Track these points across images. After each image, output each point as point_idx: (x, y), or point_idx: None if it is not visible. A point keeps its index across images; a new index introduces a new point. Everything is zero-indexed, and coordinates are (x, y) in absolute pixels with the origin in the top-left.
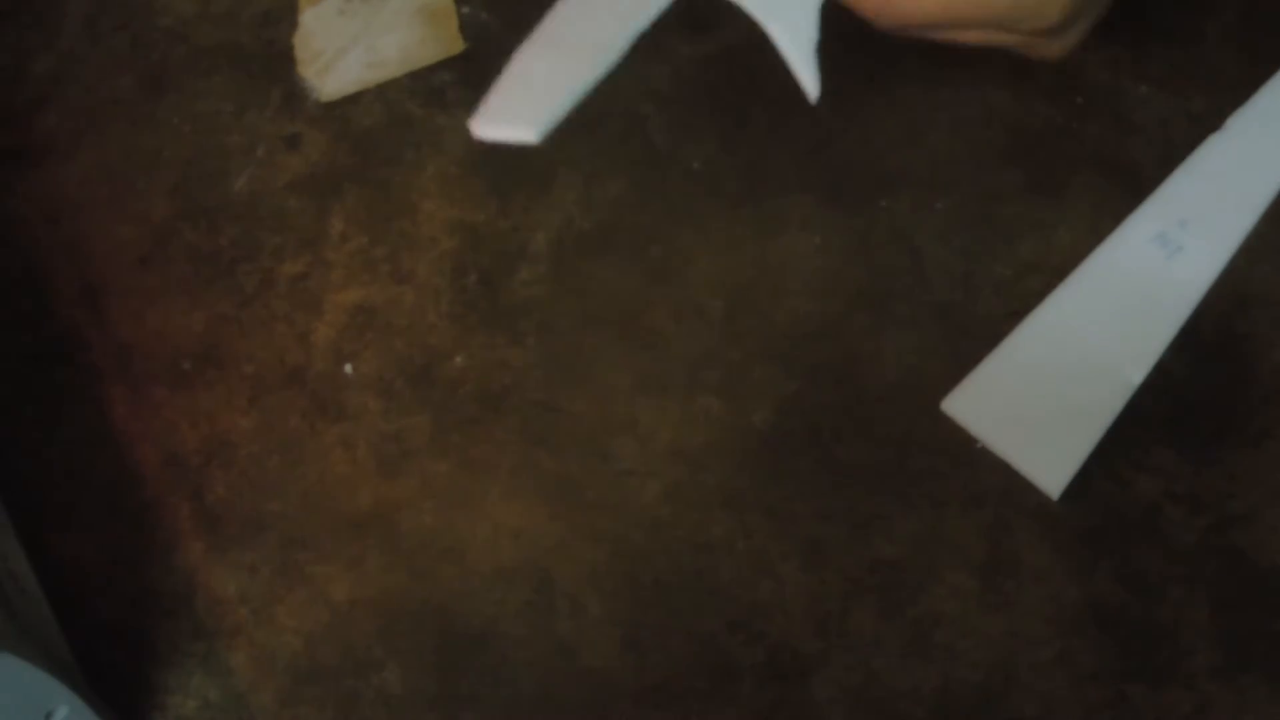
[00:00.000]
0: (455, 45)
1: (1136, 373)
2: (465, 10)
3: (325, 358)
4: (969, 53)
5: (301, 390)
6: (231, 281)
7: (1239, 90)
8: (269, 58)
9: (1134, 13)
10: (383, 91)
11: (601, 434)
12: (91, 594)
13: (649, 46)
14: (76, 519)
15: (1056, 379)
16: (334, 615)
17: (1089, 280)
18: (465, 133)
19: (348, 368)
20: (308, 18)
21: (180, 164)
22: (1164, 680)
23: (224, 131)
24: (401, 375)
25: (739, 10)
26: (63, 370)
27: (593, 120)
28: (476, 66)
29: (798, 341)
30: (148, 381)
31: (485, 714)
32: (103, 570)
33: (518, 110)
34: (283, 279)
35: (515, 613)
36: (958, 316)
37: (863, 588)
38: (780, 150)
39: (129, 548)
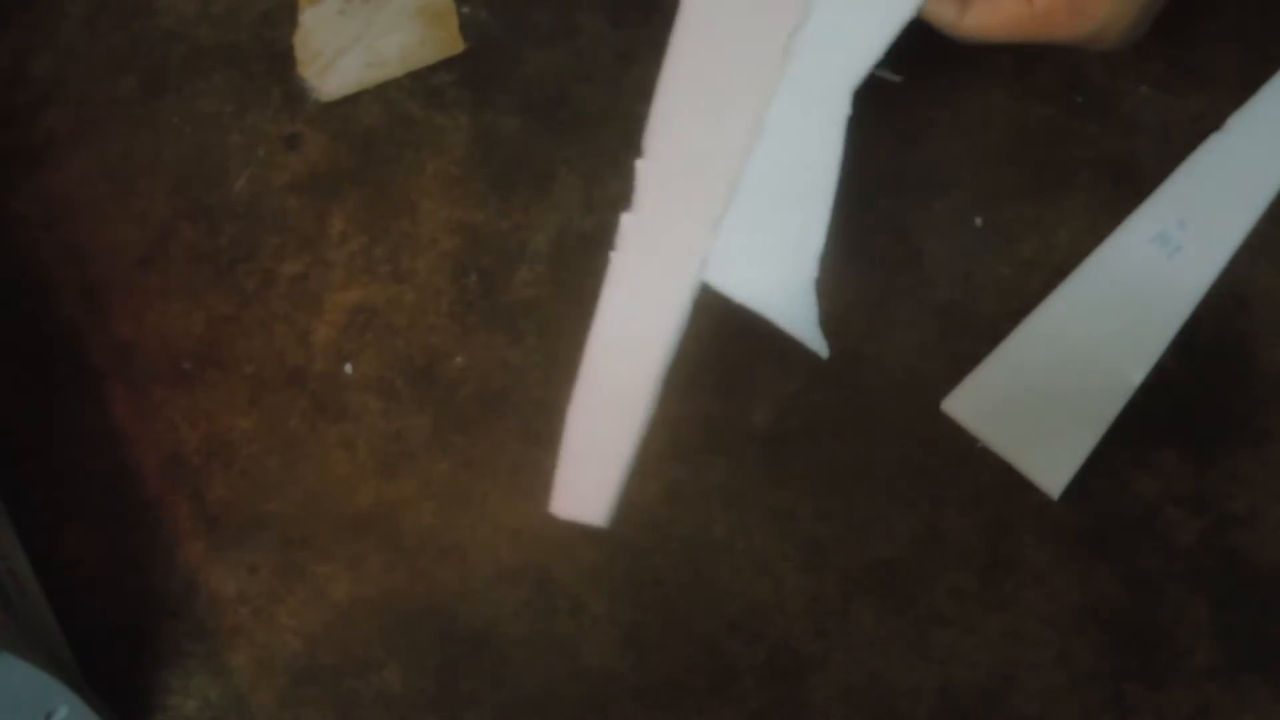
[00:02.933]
0: (455, 45)
1: (1136, 373)
2: (465, 10)
3: (325, 358)
4: (970, 53)
5: (301, 390)
6: (231, 281)
7: (1239, 90)
8: (269, 58)
9: None
10: (383, 91)
11: None
12: (91, 594)
13: (650, 48)
14: (76, 519)
15: (1056, 379)
16: (334, 615)
17: (1089, 280)
18: (465, 133)
19: (348, 368)
20: (308, 18)
21: (180, 164)
22: (1164, 680)
23: (224, 131)
24: (401, 375)
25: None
26: (63, 370)
27: (593, 120)
28: (476, 66)
29: (798, 341)
30: (148, 381)
31: (485, 714)
32: (103, 570)
33: (586, 496)
34: (283, 279)
35: (515, 613)
36: (958, 316)
37: (863, 588)
38: None
39: (129, 548)
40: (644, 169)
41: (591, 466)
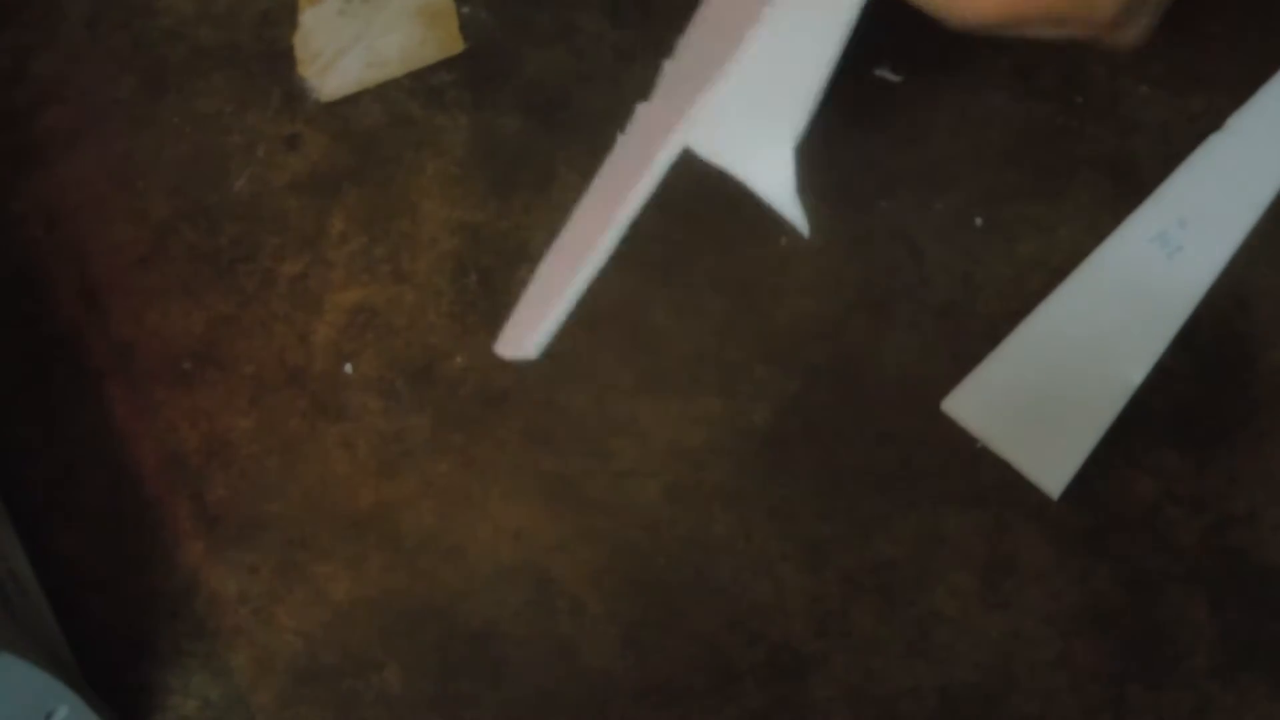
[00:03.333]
0: (455, 45)
1: (1136, 373)
2: (465, 10)
3: (325, 358)
4: (970, 52)
5: (301, 390)
6: (231, 281)
7: (1239, 90)
8: (269, 58)
9: None
10: (383, 91)
11: (601, 434)
12: (91, 594)
13: (649, 48)
14: (76, 519)
15: (1056, 379)
16: (334, 615)
17: (1089, 280)
18: (465, 133)
19: (348, 368)
20: (308, 18)
21: (180, 164)
22: (1164, 680)
23: (224, 131)
24: (401, 375)
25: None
26: (63, 370)
27: (593, 120)
28: (476, 66)
29: (798, 341)
30: (148, 381)
31: (485, 714)
32: (103, 570)
33: (523, 334)
34: (283, 279)
35: (515, 613)
36: (958, 316)
37: (863, 588)
38: None
39: (129, 548)
40: (666, 67)
41: (535, 308)
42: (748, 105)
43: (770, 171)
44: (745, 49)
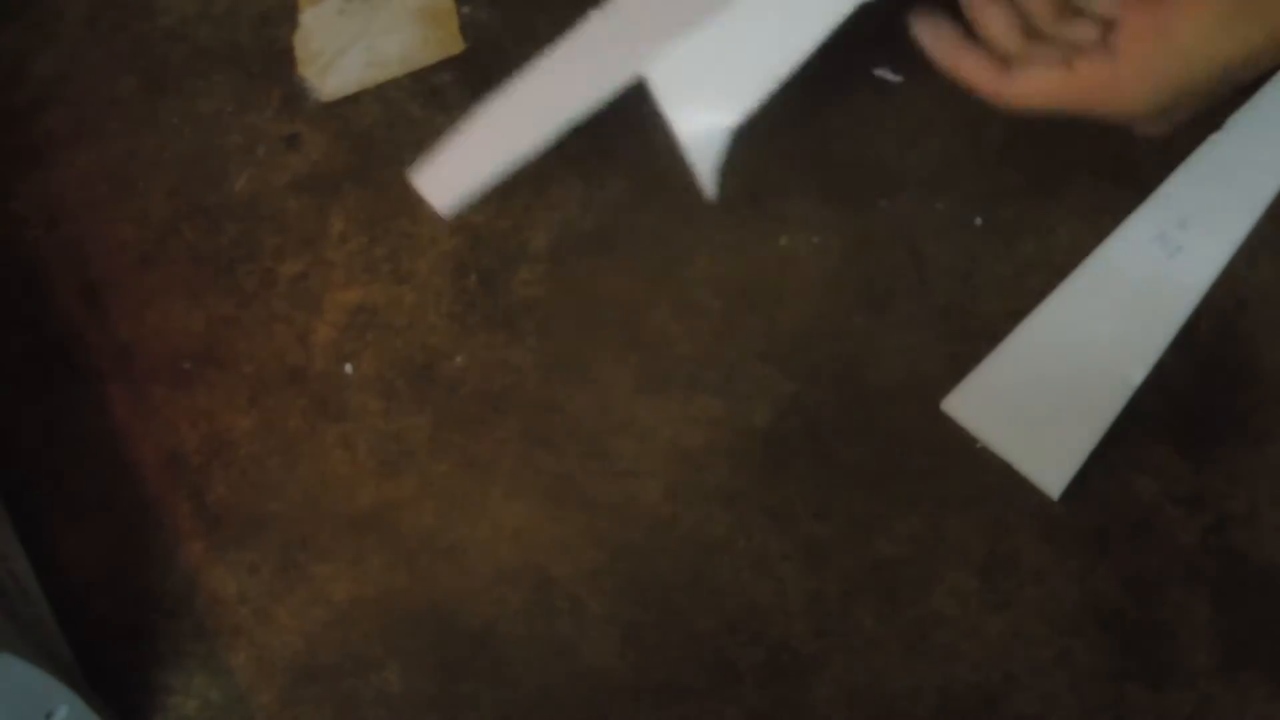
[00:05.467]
0: (455, 45)
1: (1136, 373)
2: (465, 10)
3: (325, 358)
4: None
5: (301, 390)
6: (231, 281)
7: (1239, 90)
8: (269, 58)
9: None
10: (383, 91)
11: (601, 434)
12: (92, 594)
13: None
14: (76, 519)
15: (1056, 379)
16: (334, 615)
17: (1089, 280)
18: None
19: (348, 368)
20: (308, 18)
21: (180, 164)
22: (1164, 680)
23: (224, 131)
24: (401, 375)
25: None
26: (63, 370)
27: (593, 120)
28: (476, 66)
29: (798, 341)
30: (148, 381)
31: (485, 714)
32: (103, 570)
33: (445, 182)
34: (283, 279)
35: (515, 613)
36: (958, 316)
37: (863, 588)
38: (780, 150)
39: (129, 548)
40: None
41: (461, 163)
42: (713, 65)
43: (705, 137)
44: (734, 8)
